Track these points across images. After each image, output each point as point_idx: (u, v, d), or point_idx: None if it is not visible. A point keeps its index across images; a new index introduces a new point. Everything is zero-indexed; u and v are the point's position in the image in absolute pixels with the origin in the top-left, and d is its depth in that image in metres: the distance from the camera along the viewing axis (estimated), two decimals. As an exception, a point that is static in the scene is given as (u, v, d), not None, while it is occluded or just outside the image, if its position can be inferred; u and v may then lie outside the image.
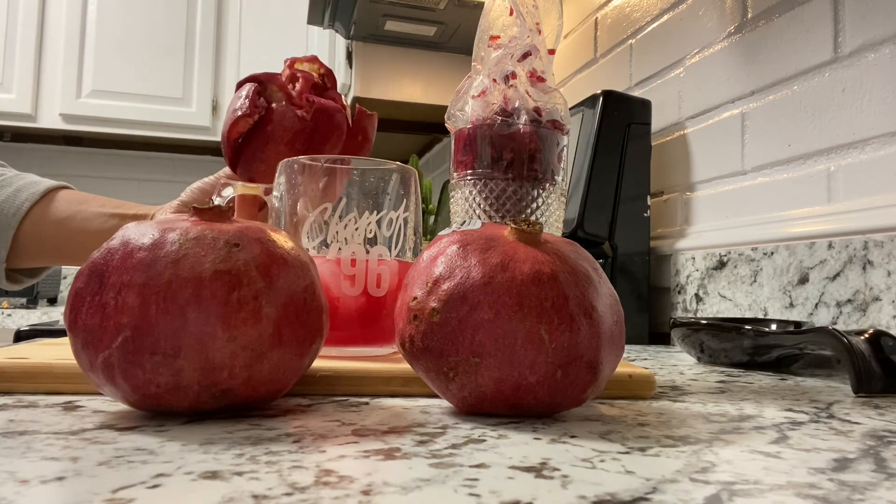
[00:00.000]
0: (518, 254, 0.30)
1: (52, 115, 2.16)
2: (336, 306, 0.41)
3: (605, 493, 0.19)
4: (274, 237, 0.30)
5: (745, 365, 0.56)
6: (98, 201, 0.69)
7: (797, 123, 0.69)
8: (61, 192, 0.69)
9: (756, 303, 0.71)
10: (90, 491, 0.18)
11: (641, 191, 0.86)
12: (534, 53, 0.44)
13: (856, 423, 0.32)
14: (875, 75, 0.61)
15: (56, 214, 0.67)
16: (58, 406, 0.31)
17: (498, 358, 0.28)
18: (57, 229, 0.67)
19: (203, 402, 0.27)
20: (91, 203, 0.68)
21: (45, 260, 0.71)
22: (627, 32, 1.03)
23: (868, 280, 0.58)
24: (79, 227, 0.66)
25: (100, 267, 0.27)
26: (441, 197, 1.45)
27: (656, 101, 0.92)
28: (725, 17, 0.81)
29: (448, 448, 0.24)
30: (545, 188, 0.44)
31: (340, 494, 0.18)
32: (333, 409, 0.32)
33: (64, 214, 0.67)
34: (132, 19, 2.21)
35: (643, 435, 0.28)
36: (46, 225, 0.67)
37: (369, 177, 0.43)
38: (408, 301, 0.30)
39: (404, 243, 0.44)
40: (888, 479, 0.22)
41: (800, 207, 0.68)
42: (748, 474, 0.22)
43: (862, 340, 0.43)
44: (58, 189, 0.69)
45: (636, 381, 0.38)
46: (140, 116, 2.20)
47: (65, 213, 0.67)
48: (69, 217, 0.67)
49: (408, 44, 1.58)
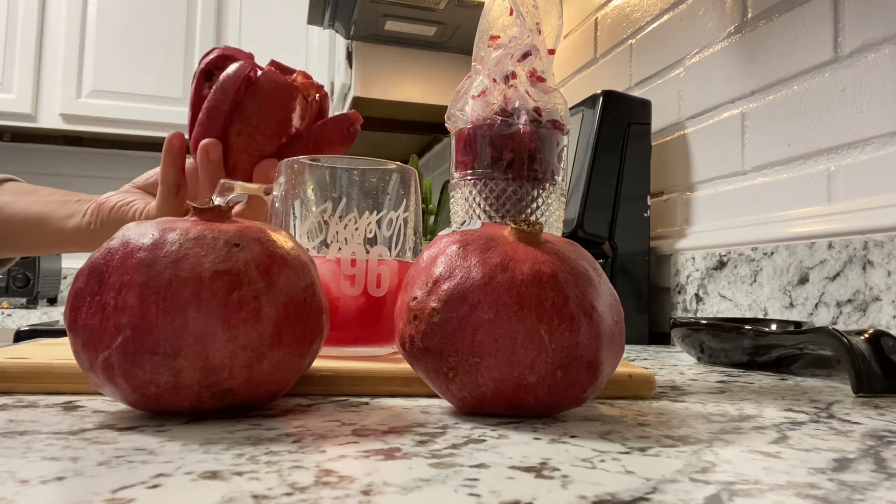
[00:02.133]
0: (518, 254, 0.30)
1: (52, 115, 2.16)
2: (336, 306, 0.41)
3: (605, 493, 0.19)
4: (274, 237, 0.30)
5: (745, 365, 0.56)
6: (46, 191, 0.68)
7: (797, 123, 0.69)
8: (6, 185, 0.69)
9: (756, 303, 0.71)
10: (90, 491, 0.18)
11: (641, 191, 0.86)
12: (534, 53, 0.44)
13: (856, 423, 0.32)
14: (875, 75, 0.61)
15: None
16: (58, 406, 0.31)
17: (498, 358, 0.28)
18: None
19: (203, 402, 0.27)
20: (40, 192, 0.68)
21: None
22: (627, 32, 1.03)
23: (868, 280, 0.58)
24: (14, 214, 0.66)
25: (100, 267, 0.27)
26: (441, 197, 1.45)
27: (656, 101, 0.92)
28: (725, 17, 0.81)
29: (448, 448, 0.24)
30: (545, 188, 0.44)
31: (340, 494, 0.18)
32: (333, 409, 0.32)
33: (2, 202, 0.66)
34: (132, 19, 2.21)
35: (643, 435, 0.28)
36: None
37: (369, 177, 0.43)
38: (408, 301, 0.30)
39: (404, 243, 0.44)
40: (888, 479, 0.22)
41: (800, 207, 0.68)
42: (748, 474, 0.22)
43: (862, 340, 0.42)
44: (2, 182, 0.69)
45: (636, 381, 0.38)
46: (140, 116, 2.20)
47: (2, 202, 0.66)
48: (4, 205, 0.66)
49: (408, 44, 1.58)
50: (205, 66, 0.57)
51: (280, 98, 0.55)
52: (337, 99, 1.93)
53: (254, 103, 0.55)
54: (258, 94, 0.54)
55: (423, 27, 1.47)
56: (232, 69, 0.55)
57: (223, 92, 0.54)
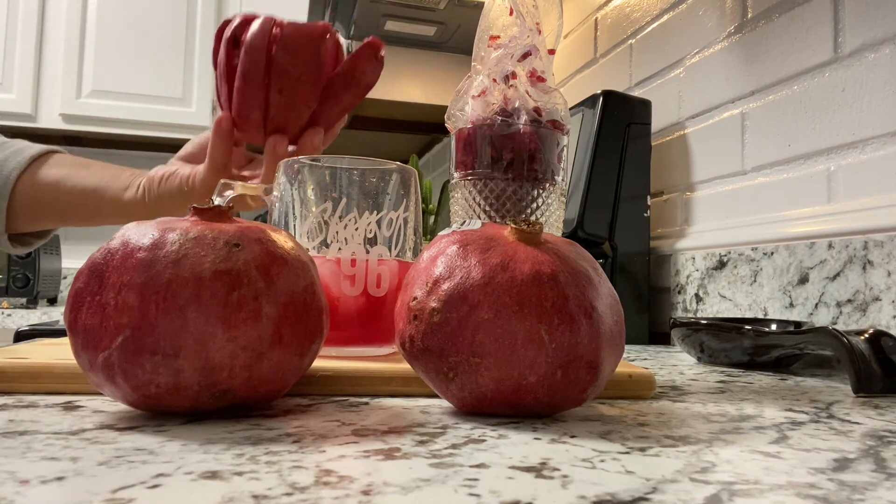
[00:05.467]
0: (518, 254, 0.30)
1: (52, 115, 2.16)
2: (336, 306, 0.41)
3: (605, 493, 0.19)
4: (274, 237, 0.30)
5: (745, 365, 0.56)
6: (99, 164, 0.70)
7: (797, 123, 0.69)
8: (55, 157, 0.70)
9: (756, 303, 0.71)
10: (90, 491, 0.18)
11: (641, 191, 0.86)
12: (534, 53, 0.44)
13: (856, 423, 0.32)
14: (875, 75, 0.61)
15: (50, 177, 0.68)
16: (58, 406, 0.31)
17: (498, 358, 0.28)
18: (53, 191, 0.68)
19: (203, 402, 0.27)
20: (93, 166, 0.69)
21: (47, 223, 0.73)
22: (627, 32, 1.03)
23: (868, 280, 0.58)
24: (74, 186, 0.67)
25: (100, 267, 0.27)
26: (441, 197, 1.45)
27: (656, 101, 0.92)
28: (725, 17, 0.81)
29: (448, 448, 0.24)
30: (545, 188, 0.44)
31: (340, 494, 0.18)
32: (333, 409, 0.32)
33: (58, 176, 0.68)
34: (132, 19, 2.21)
35: (643, 435, 0.28)
36: (42, 188, 0.68)
37: (369, 177, 0.43)
38: (408, 301, 0.30)
39: (404, 243, 0.44)
40: (888, 479, 0.22)
41: (800, 207, 0.68)
42: (748, 474, 0.22)
43: (862, 340, 0.42)
44: (49, 154, 0.70)
45: (636, 381, 0.38)
46: (140, 116, 2.20)
47: (59, 176, 0.68)
48: (64, 178, 0.68)
49: (408, 44, 1.58)
50: (230, 34, 0.56)
51: (310, 43, 0.54)
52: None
53: (286, 55, 0.54)
54: (288, 45, 0.54)
55: (423, 27, 1.47)
56: (256, 27, 0.54)
57: (255, 50, 0.53)
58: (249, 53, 0.54)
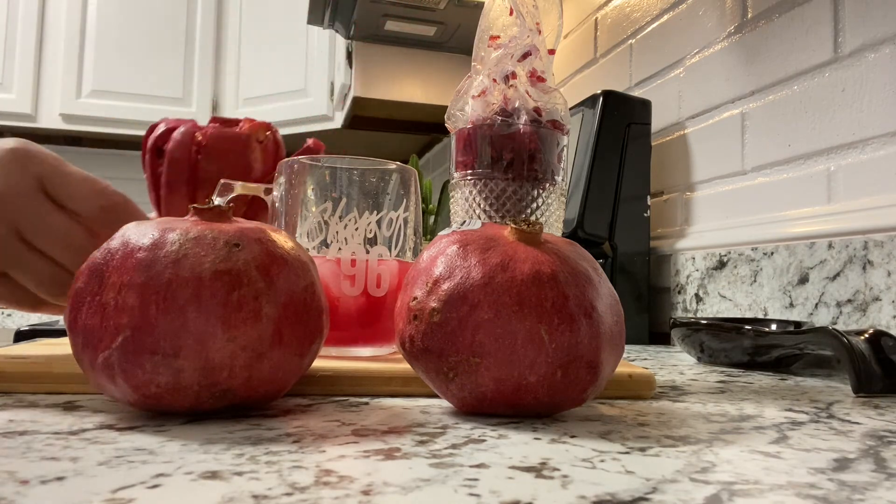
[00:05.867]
0: (518, 254, 0.30)
1: (52, 115, 2.16)
2: (336, 306, 0.41)
3: (605, 493, 0.19)
4: (274, 237, 0.30)
5: (745, 365, 0.56)
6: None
7: (797, 123, 0.69)
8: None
9: (756, 303, 0.71)
10: (90, 491, 0.18)
11: (641, 191, 0.86)
12: (534, 53, 0.44)
13: (856, 423, 0.32)
14: (875, 75, 0.61)
15: None
16: (58, 406, 0.31)
17: (498, 358, 0.28)
18: None
19: (203, 402, 0.27)
20: None
21: None
22: (627, 32, 1.03)
23: (868, 280, 0.58)
24: None
25: (100, 267, 0.27)
26: (441, 197, 1.45)
27: (656, 101, 0.92)
28: (725, 17, 0.81)
29: (448, 448, 0.24)
30: (545, 188, 0.44)
31: (340, 494, 0.18)
32: (333, 409, 0.32)
33: None
34: (132, 19, 2.21)
35: (643, 435, 0.28)
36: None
37: (369, 177, 0.43)
38: (408, 301, 0.30)
39: (404, 243, 0.44)
40: (888, 479, 0.22)
41: (800, 207, 0.68)
42: (748, 474, 0.22)
43: (862, 340, 0.42)
44: None
45: (636, 381, 0.38)
46: (140, 116, 2.20)
47: None
48: None
49: (408, 44, 1.58)
50: (152, 144, 0.56)
51: (234, 151, 0.54)
52: (337, 99, 1.93)
53: (211, 165, 0.54)
54: (211, 154, 0.54)
55: (423, 27, 1.47)
56: (178, 137, 0.54)
57: (176, 162, 0.54)
58: (171, 165, 0.54)
